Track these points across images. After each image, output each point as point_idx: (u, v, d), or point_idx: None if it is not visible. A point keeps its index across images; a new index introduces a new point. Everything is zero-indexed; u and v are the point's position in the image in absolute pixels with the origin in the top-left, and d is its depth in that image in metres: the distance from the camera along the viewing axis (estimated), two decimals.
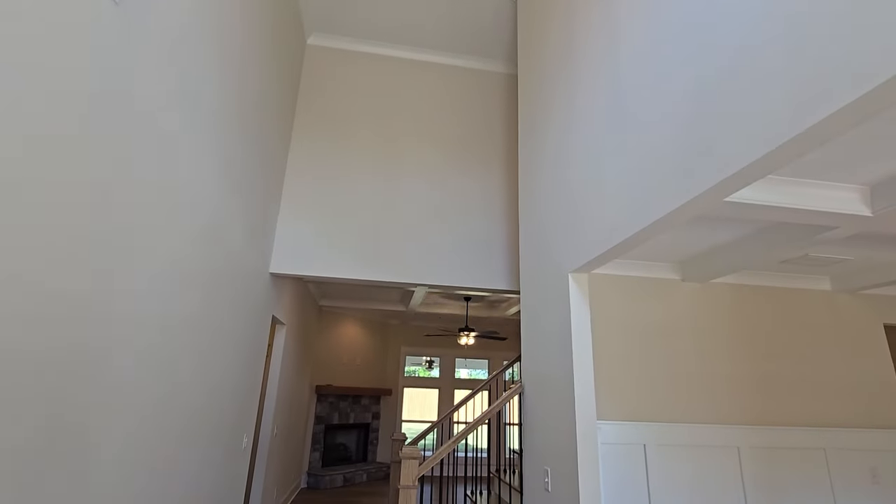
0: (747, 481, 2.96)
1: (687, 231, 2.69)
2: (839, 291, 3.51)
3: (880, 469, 3.14)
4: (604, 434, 2.90)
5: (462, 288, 4.38)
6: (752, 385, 3.20)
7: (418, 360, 9.76)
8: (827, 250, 2.91)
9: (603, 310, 3.19)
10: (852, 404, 3.27)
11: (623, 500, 2.80)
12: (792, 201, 1.97)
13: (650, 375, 3.10)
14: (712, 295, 3.38)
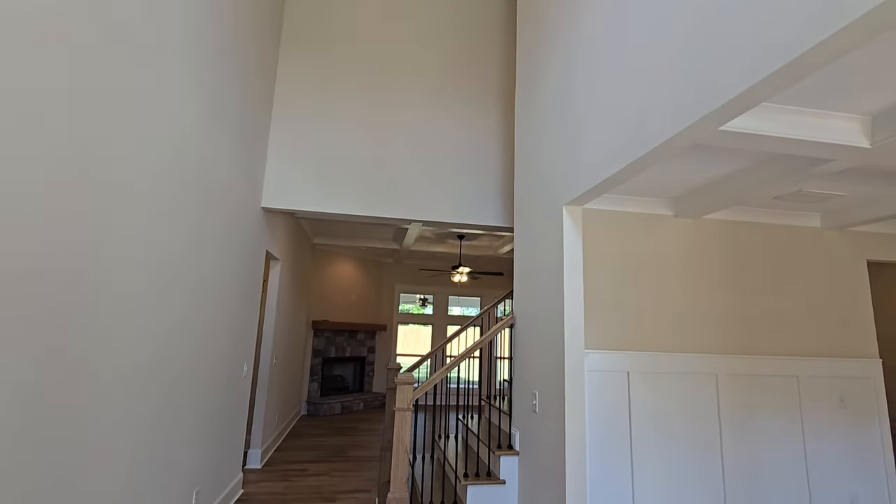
0: (722, 406, 3.14)
1: (682, 164, 2.66)
2: (828, 228, 3.56)
3: (847, 395, 3.35)
4: (590, 362, 3.04)
5: (455, 224, 4.38)
6: (735, 317, 3.31)
7: (412, 298, 9.97)
8: (820, 185, 2.91)
9: (595, 244, 3.22)
10: (828, 336, 3.42)
11: (605, 421, 2.98)
12: (789, 131, 1.94)
13: (638, 308, 3.19)
14: (703, 231, 3.41)
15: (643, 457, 2.97)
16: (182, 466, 2.54)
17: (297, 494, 3.79)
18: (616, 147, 1.98)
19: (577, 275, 2.39)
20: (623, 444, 2.98)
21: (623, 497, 2.91)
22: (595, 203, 3.28)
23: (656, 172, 2.84)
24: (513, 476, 2.80)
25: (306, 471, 4.42)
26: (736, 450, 3.10)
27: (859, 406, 3.35)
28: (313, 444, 5.46)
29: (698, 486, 3.01)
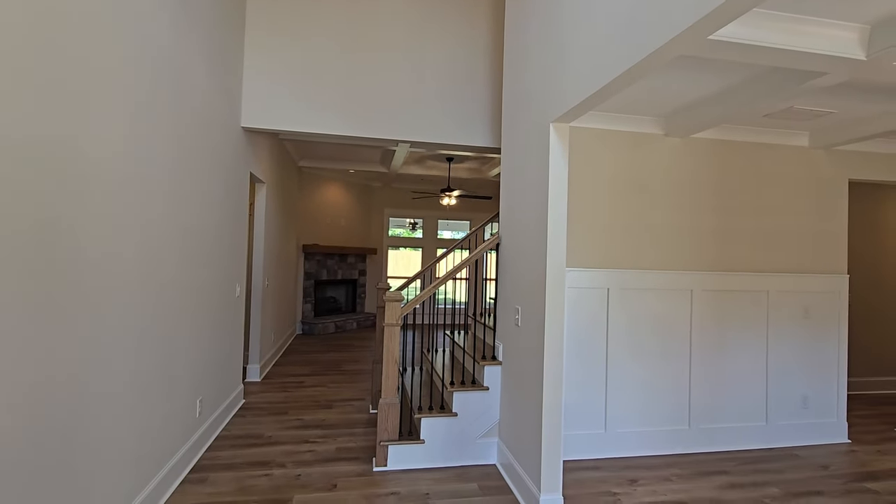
0: (695, 320, 3.33)
1: (672, 79, 2.58)
2: (815, 147, 3.55)
3: (812, 307, 3.55)
4: (572, 279, 3.15)
5: (443, 146, 4.29)
6: (716, 235, 3.40)
7: (402, 222, 9.99)
8: (812, 102, 2.86)
9: (584, 164, 3.20)
10: (802, 252, 3.54)
11: (584, 334, 3.16)
12: (783, 40, 1.87)
13: (623, 227, 3.25)
14: (692, 150, 3.38)
15: (617, 367, 3.20)
16: (183, 377, 2.69)
17: (296, 403, 4.06)
18: (604, 60, 1.90)
19: (562, 194, 2.40)
20: (599, 356, 3.18)
21: (596, 404, 3.17)
22: (584, 122, 3.21)
23: (647, 89, 2.75)
24: (495, 383, 3.01)
25: (304, 383, 4.70)
26: (704, 360, 3.34)
27: (822, 318, 3.56)
28: (309, 359, 5.75)
29: (666, 394, 3.27)
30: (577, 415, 3.14)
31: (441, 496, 2.56)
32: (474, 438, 2.99)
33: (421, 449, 2.91)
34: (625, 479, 2.82)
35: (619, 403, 3.20)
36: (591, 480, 2.80)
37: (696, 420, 3.30)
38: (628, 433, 3.19)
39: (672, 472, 2.95)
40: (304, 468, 2.83)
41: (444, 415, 2.95)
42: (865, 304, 4.85)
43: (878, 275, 4.89)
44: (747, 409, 3.40)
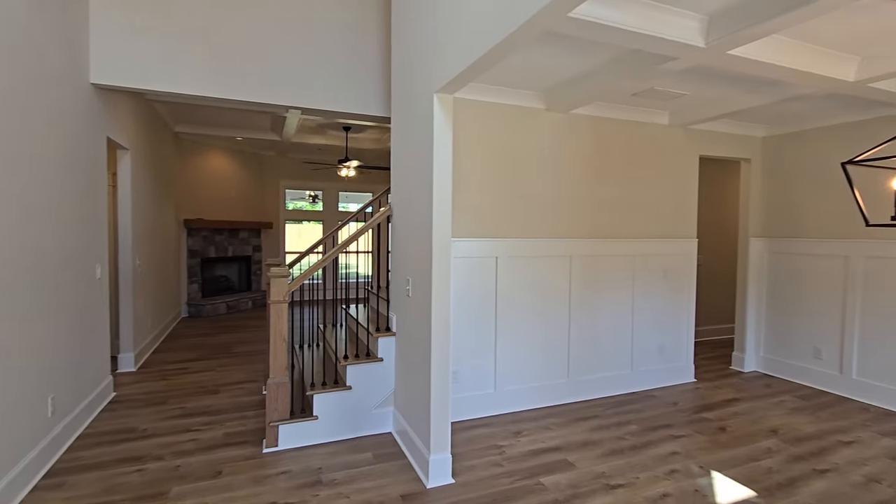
0: (573, 282, 3.63)
1: (549, 55, 2.69)
2: (674, 126, 3.98)
3: (669, 268, 4.05)
4: (464, 249, 3.25)
5: (336, 114, 4.10)
6: (592, 205, 3.70)
7: (301, 195, 9.51)
8: (668, 84, 3.18)
9: (472, 135, 3.26)
10: (663, 220, 4.00)
11: (476, 300, 3.29)
12: (637, 23, 2.03)
13: (510, 197, 3.40)
14: (572, 125, 3.61)
15: (505, 331, 3.40)
16: (21, 372, 2.34)
17: (179, 391, 3.76)
18: (478, 32, 1.92)
19: (447, 165, 2.43)
20: (489, 321, 3.35)
21: (487, 366, 3.35)
22: (472, 94, 3.25)
23: (528, 64, 2.85)
24: (390, 354, 3.05)
25: (188, 369, 4.36)
26: (581, 319, 3.67)
27: (677, 277, 4.09)
28: (196, 343, 5.34)
29: (549, 352, 3.56)
30: (469, 378, 3.30)
31: (334, 469, 2.56)
32: (370, 409, 3.01)
33: (314, 425, 2.87)
34: (510, 432, 3.05)
35: (508, 364, 3.42)
36: (480, 437, 2.98)
37: (573, 373, 3.64)
38: (516, 390, 3.44)
39: (552, 421, 3.25)
40: (185, 458, 2.65)
41: (338, 389, 2.93)
42: (710, 264, 5.66)
43: (720, 238, 5.72)
44: (616, 360, 3.83)
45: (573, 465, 2.64)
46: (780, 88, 3.10)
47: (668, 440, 2.97)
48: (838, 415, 3.39)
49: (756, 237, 4.44)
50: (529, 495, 2.33)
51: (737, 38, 2.15)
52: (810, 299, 4.04)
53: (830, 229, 3.92)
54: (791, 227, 4.21)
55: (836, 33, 2.40)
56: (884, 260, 3.57)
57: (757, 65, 2.48)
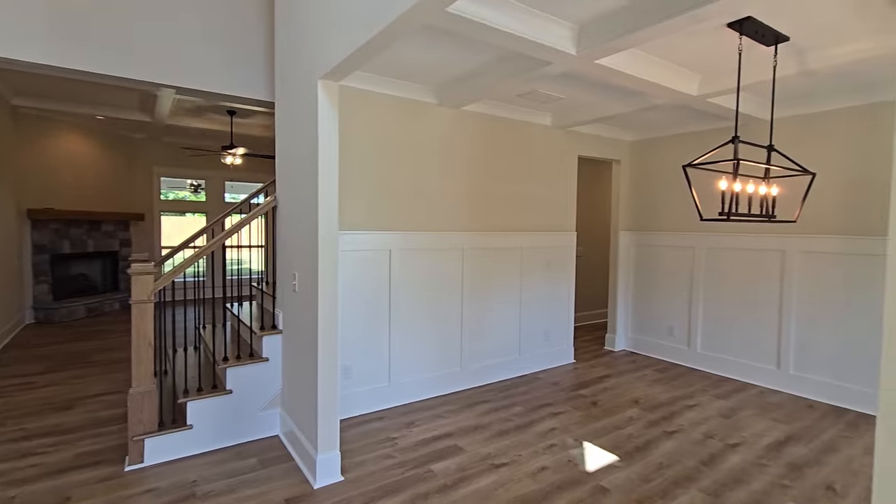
0: (465, 274, 3.75)
1: (438, 50, 2.73)
2: (555, 127, 4.28)
3: (552, 259, 4.37)
4: (356, 242, 3.18)
5: (216, 95, 3.75)
6: (482, 200, 3.85)
7: (181, 183, 8.61)
8: (549, 88, 3.41)
9: (361, 126, 3.20)
10: (546, 215, 4.30)
11: (369, 294, 3.25)
12: (514, 26, 2.14)
13: (404, 191, 3.40)
14: (463, 121, 3.71)
15: (399, 323, 3.41)
16: None
17: (19, 410, 3.21)
18: (360, 20, 1.88)
19: (333, 155, 2.36)
20: (382, 314, 3.34)
21: (381, 359, 3.34)
22: (363, 83, 3.18)
23: (418, 58, 2.86)
24: (276, 353, 2.89)
25: (34, 383, 3.74)
26: (473, 309, 3.82)
27: (559, 267, 4.43)
28: (45, 353, 4.59)
29: (443, 342, 3.65)
30: (362, 372, 3.26)
31: (212, 479, 2.37)
32: (254, 413, 2.84)
33: (189, 435, 2.62)
34: (403, 424, 3.07)
35: (402, 356, 3.44)
36: (373, 431, 2.96)
37: (466, 361, 3.78)
38: (410, 381, 3.47)
39: (445, 409, 3.34)
40: (24, 487, 2.27)
41: (216, 394, 2.71)
42: (588, 255, 6.23)
43: (597, 232, 6.31)
44: (506, 347, 4.05)
45: (463, 449, 2.74)
46: (641, 98, 3.49)
47: (549, 417, 3.21)
48: (686, 383, 3.95)
49: (625, 231, 4.97)
50: (419, 483, 2.37)
51: (603, 49, 2.36)
52: (666, 284, 4.63)
53: (681, 224, 4.52)
54: (652, 221, 4.78)
55: (683, 52, 2.75)
56: (718, 250, 4.21)
57: (621, 75, 2.76)
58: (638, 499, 2.27)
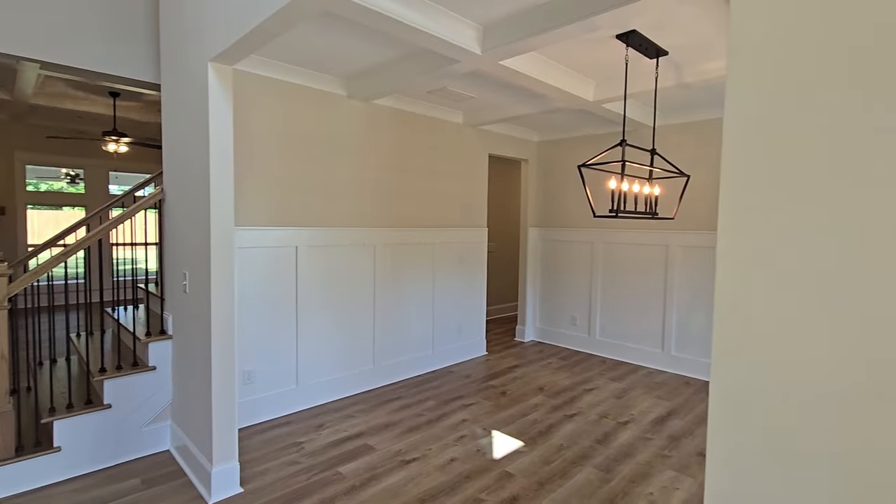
0: (378, 270, 3.70)
1: (348, 41, 2.65)
2: (466, 125, 4.37)
3: (465, 255, 4.46)
4: (257, 238, 2.99)
5: (91, 74, 3.31)
6: (395, 195, 3.81)
7: (54, 172, 7.54)
8: (458, 86, 3.46)
9: (265, 115, 3.01)
10: (459, 211, 4.37)
11: (273, 293, 3.08)
12: (422, 21, 2.13)
13: (312, 184, 3.26)
14: (374, 115, 3.64)
15: (308, 323, 3.27)
16: None
17: None
18: (251, 4, 1.76)
19: (227, 145, 2.19)
20: (289, 314, 3.18)
21: (288, 361, 3.18)
22: (266, 69, 3.00)
23: (328, 47, 2.75)
24: (165, 361, 2.63)
25: None
26: (386, 306, 3.78)
27: (472, 263, 4.53)
28: None
29: (354, 340, 3.56)
30: (267, 376, 3.08)
31: None
32: (138, 428, 2.56)
33: (56, 459, 2.30)
34: (312, 427, 2.96)
35: (311, 357, 3.31)
36: (278, 437, 2.82)
37: (379, 358, 3.73)
38: (320, 383, 3.35)
39: (357, 408, 3.27)
40: None
41: (91, 410, 2.40)
42: (500, 251, 6.46)
43: (508, 228, 6.57)
44: (419, 342, 4.07)
45: (373, 448, 2.70)
46: (544, 101, 3.67)
47: (460, 410, 3.28)
48: (586, 368, 4.25)
49: (533, 227, 5.21)
50: (326, 487, 2.30)
51: (505, 51, 2.44)
52: (569, 277, 4.94)
53: (581, 220, 4.84)
54: (556, 218, 5.06)
55: (581, 60, 2.93)
56: (613, 245, 4.58)
57: (524, 77, 2.87)
58: (540, 480, 2.40)
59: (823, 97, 0.45)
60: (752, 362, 0.50)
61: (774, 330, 0.49)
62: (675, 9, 2.23)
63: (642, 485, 2.37)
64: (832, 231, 0.45)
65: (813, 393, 0.46)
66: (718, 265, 0.54)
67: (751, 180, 0.49)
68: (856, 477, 0.42)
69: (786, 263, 0.48)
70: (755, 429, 0.47)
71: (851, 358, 0.44)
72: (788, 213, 0.47)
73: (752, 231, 0.49)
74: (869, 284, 0.44)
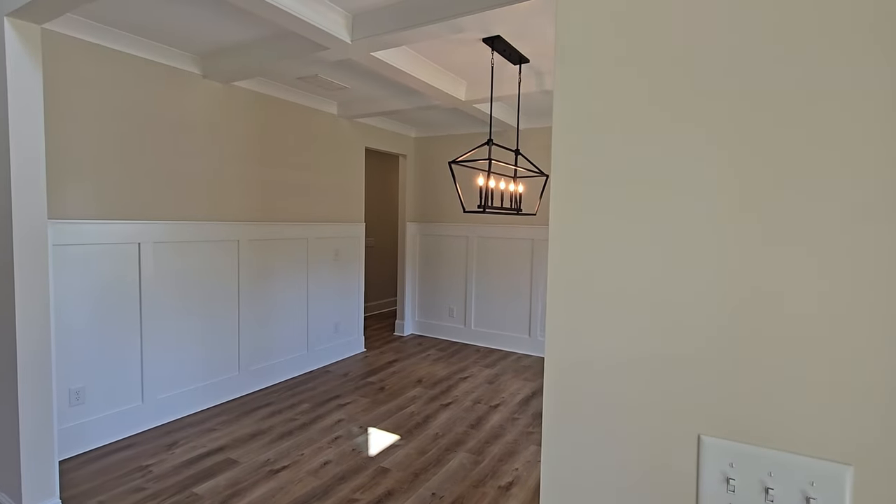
0: (242, 268, 3.40)
1: (205, 15, 2.37)
2: (341, 117, 4.23)
3: (340, 250, 4.33)
4: (85, 234, 2.54)
5: None
6: (259, 187, 3.53)
7: None
8: (330, 74, 3.32)
9: (96, 90, 2.56)
10: (333, 204, 4.22)
11: (109, 298, 2.64)
12: (290, 5, 2.00)
13: (154, 172, 2.86)
14: (234, 98, 3.32)
15: (155, 331, 2.88)
16: None
17: None
18: None
19: (35, 122, 1.80)
20: (131, 321, 2.77)
21: (130, 375, 2.77)
22: (101, 37, 2.55)
23: (178, 19, 2.43)
24: None
25: None
26: (252, 306, 3.49)
27: (348, 258, 4.41)
28: None
29: (215, 346, 3.23)
30: (103, 394, 2.65)
31: None
32: None
33: None
34: (162, 447, 2.62)
35: (160, 368, 2.92)
36: (118, 463, 2.44)
37: (245, 363, 3.45)
38: (172, 396, 2.98)
39: (219, 420, 2.98)
40: None
41: None
42: (379, 246, 6.42)
43: (387, 223, 6.55)
44: (292, 343, 3.85)
45: (236, 461, 2.48)
46: (419, 97, 3.70)
47: (336, 410, 3.18)
48: (462, 358, 4.43)
49: (411, 221, 5.26)
50: None
51: (375, 42, 2.40)
52: (446, 270, 5.09)
53: (456, 215, 5.02)
54: (434, 213, 5.18)
55: (453, 60, 3.01)
56: (486, 239, 4.83)
57: (397, 71, 2.86)
58: (415, 471, 2.43)
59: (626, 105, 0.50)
60: (573, 338, 0.55)
61: (589, 313, 0.54)
62: (531, 19, 2.40)
63: (509, 462, 2.55)
64: (630, 233, 0.51)
65: (612, 363, 0.52)
66: (552, 257, 0.59)
67: (567, 189, 0.54)
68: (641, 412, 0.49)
69: (593, 264, 0.53)
70: (572, 390, 0.54)
71: (650, 340, 0.51)
72: (594, 219, 0.52)
73: (568, 236, 0.54)
74: (664, 279, 0.50)
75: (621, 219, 0.52)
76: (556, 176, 0.56)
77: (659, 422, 0.54)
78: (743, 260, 0.48)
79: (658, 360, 0.53)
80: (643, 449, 0.55)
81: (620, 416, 0.55)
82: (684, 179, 0.50)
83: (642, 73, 0.50)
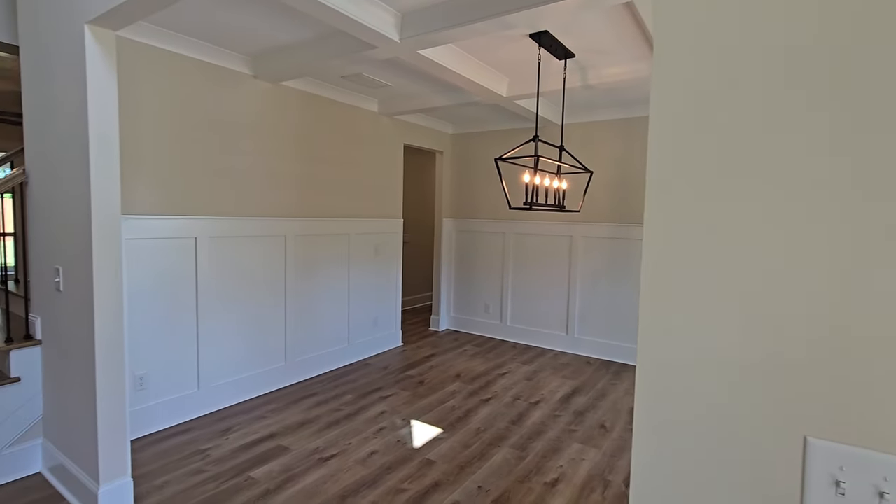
0: (289, 262, 3.51)
1: (257, 17, 2.45)
2: (382, 114, 4.28)
3: (380, 245, 4.40)
4: (149, 228, 2.68)
5: None
6: (305, 183, 3.63)
7: None
8: (374, 73, 3.38)
9: (156, 91, 2.69)
10: (373, 200, 4.29)
11: (168, 289, 2.78)
12: (341, 4, 2.05)
13: (209, 169, 2.98)
14: (283, 97, 3.42)
15: (210, 320, 3.01)
16: None
17: None
18: None
19: (111, 123, 1.91)
20: (188, 311, 2.90)
21: (187, 363, 2.91)
22: (161, 41, 2.67)
23: (232, 21, 2.52)
24: (33, 370, 2.27)
25: None
26: (298, 299, 3.60)
27: (387, 253, 4.48)
28: None
29: (264, 337, 3.35)
30: (163, 380, 2.79)
31: None
32: (0, 450, 2.19)
33: None
34: (218, 432, 2.75)
35: (214, 357, 3.06)
36: (178, 446, 2.58)
37: (291, 355, 3.56)
38: (225, 384, 3.12)
39: (268, 408, 3.10)
40: None
41: None
42: (415, 241, 6.49)
43: (423, 218, 6.61)
44: (334, 336, 3.95)
45: (287, 448, 2.58)
46: (460, 93, 3.72)
47: (378, 402, 3.25)
48: (499, 354, 4.43)
49: (447, 218, 5.29)
50: (237, 494, 2.15)
51: (423, 41, 2.42)
52: (482, 266, 5.10)
53: (494, 212, 5.01)
54: (471, 209, 5.19)
55: (496, 56, 3.00)
56: (523, 235, 4.81)
57: (442, 69, 2.88)
58: (460, 464, 2.47)
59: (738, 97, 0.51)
60: (672, 340, 0.56)
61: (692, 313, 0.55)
62: (579, 14, 2.38)
63: (553, 459, 2.55)
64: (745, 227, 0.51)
65: (716, 365, 0.53)
66: (646, 256, 0.59)
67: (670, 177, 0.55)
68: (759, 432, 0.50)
69: (701, 255, 0.54)
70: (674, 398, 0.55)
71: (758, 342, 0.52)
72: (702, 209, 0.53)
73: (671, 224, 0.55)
74: (774, 279, 0.51)
75: (730, 216, 0.53)
76: (653, 170, 0.57)
77: (762, 423, 0.54)
78: (857, 259, 0.48)
79: (769, 361, 0.53)
80: (745, 451, 0.55)
81: (723, 419, 0.55)
82: (798, 174, 0.50)
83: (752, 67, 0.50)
